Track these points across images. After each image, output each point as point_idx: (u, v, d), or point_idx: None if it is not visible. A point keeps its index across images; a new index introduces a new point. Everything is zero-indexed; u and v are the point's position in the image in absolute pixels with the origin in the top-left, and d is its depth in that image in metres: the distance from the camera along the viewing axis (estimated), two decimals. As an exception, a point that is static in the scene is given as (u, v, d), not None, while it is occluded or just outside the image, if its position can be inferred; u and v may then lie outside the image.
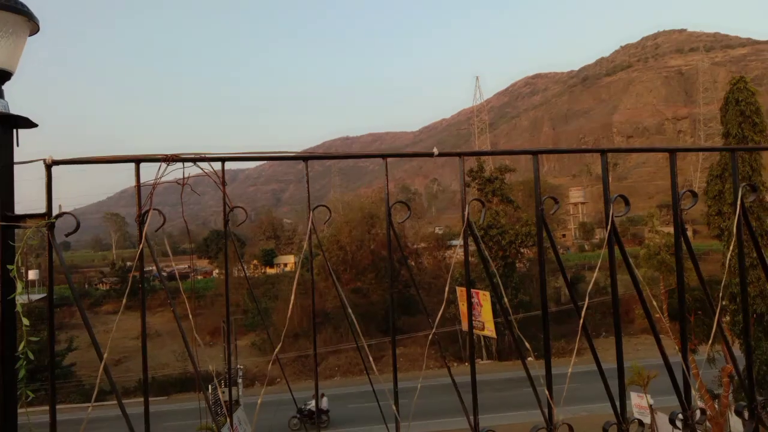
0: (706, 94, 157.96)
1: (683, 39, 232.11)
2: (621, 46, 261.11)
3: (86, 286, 73.04)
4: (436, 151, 2.12)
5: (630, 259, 2.24)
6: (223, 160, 1.97)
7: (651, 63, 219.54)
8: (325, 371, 38.73)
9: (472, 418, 2.06)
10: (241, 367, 32.91)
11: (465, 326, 36.67)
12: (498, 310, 39.93)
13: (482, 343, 41.06)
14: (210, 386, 29.61)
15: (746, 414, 2.10)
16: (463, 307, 35.62)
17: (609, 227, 2.20)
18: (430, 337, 2.30)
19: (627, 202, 2.27)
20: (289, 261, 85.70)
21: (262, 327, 47.68)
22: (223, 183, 2.01)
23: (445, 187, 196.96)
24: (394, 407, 2.10)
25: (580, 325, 2.20)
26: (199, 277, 77.02)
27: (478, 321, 34.53)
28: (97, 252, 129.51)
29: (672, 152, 2.32)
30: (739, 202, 2.21)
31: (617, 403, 2.14)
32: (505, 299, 2.33)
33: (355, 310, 43.11)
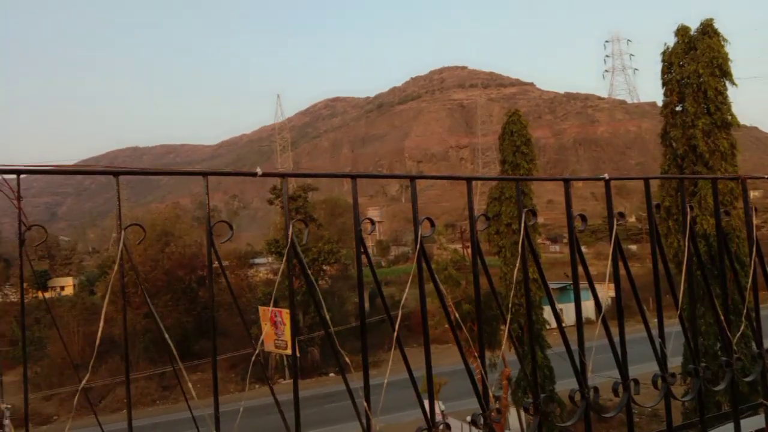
0: (483, 126, 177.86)
1: (465, 75, 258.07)
2: (411, 78, 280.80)
3: None
4: (259, 171, 2.12)
5: (430, 275, 2.46)
6: (18, 172, 1.75)
7: (437, 95, 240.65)
8: (113, 404, 35.19)
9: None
10: (9, 406, 28.45)
11: (268, 347, 36.12)
12: (303, 328, 40.08)
13: (284, 362, 40.80)
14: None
15: (532, 409, 2.42)
16: (265, 327, 35.05)
17: (418, 246, 2.39)
18: (253, 358, 2.27)
19: (433, 224, 2.49)
20: (66, 283, 76.82)
21: (34, 359, 41.96)
22: (19, 198, 1.79)
23: (246, 204, 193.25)
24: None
25: (395, 337, 2.35)
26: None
27: (281, 340, 34.17)
28: None
29: (469, 180, 2.60)
30: (522, 225, 2.56)
31: (427, 409, 2.32)
32: (325, 312, 2.40)
33: (148, 336, 40.04)
